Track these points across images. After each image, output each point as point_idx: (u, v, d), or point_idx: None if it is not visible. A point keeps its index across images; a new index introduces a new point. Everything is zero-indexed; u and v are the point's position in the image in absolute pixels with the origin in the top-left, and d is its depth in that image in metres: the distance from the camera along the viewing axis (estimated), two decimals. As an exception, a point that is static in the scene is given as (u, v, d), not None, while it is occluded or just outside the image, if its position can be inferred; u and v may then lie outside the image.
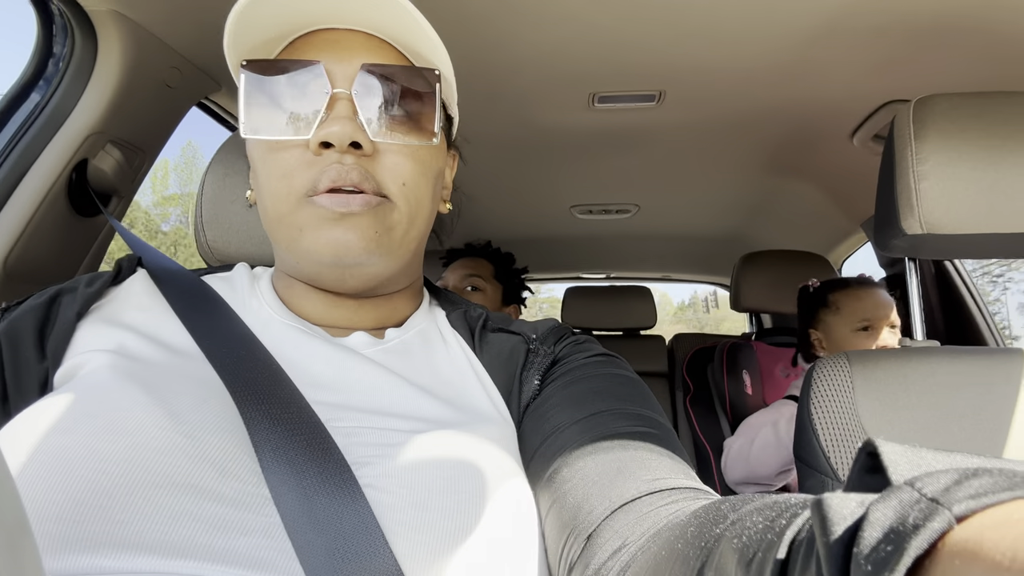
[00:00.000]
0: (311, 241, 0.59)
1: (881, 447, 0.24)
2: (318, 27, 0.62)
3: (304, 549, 0.46)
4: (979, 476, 0.21)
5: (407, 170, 0.61)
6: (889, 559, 0.19)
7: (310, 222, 0.59)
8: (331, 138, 0.57)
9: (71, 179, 1.05)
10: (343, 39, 0.61)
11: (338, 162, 0.58)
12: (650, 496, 0.49)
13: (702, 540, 0.34)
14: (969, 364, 0.97)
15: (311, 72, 0.59)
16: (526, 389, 0.65)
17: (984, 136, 0.90)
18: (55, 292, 0.64)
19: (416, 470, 0.51)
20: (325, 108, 0.59)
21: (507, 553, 0.51)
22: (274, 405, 0.53)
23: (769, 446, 1.53)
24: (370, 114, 0.60)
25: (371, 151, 0.59)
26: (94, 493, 0.45)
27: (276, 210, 0.61)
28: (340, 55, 0.60)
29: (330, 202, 0.58)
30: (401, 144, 0.61)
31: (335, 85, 0.59)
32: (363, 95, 0.59)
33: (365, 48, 0.61)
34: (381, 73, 0.60)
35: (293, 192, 0.59)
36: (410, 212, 0.63)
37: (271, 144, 0.61)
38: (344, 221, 0.58)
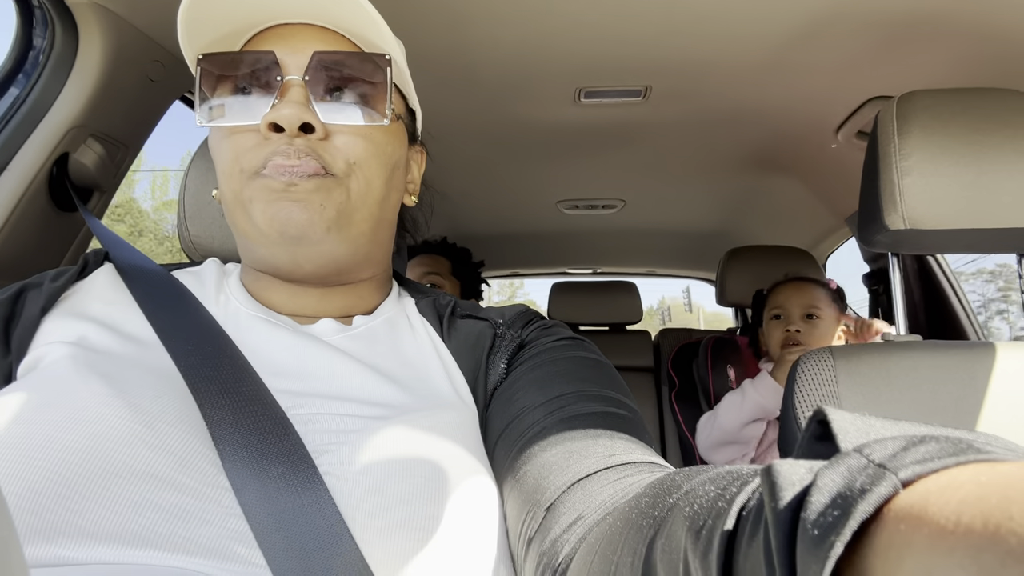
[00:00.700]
0: (259, 215, 0.60)
1: (831, 415, 0.25)
2: (273, 23, 0.63)
3: (265, 538, 0.46)
4: (925, 442, 0.21)
5: (357, 150, 0.62)
6: (835, 524, 0.19)
7: (258, 194, 0.60)
8: (281, 120, 0.58)
9: (52, 173, 1.04)
10: (297, 32, 0.63)
11: (287, 144, 0.59)
12: (607, 470, 0.49)
13: (655, 510, 0.35)
14: (951, 358, 0.98)
15: (264, 61, 0.61)
16: (493, 373, 0.66)
17: (966, 132, 0.91)
18: (20, 287, 0.63)
19: (373, 456, 0.52)
20: (278, 94, 0.60)
21: (465, 535, 0.51)
22: (235, 397, 0.53)
23: (734, 404, 1.69)
24: (322, 99, 0.61)
25: (323, 134, 0.61)
26: (53, 483, 0.45)
27: (229, 189, 0.62)
28: (293, 45, 0.62)
29: (275, 171, 0.59)
30: (353, 126, 0.62)
31: (287, 72, 0.61)
32: (315, 81, 0.61)
33: (318, 39, 0.63)
34: (332, 60, 0.62)
35: (244, 171, 0.60)
36: (359, 190, 0.63)
37: (225, 131, 0.62)
38: (289, 193, 0.59)
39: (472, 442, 0.59)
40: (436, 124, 1.65)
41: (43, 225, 1.06)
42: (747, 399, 1.66)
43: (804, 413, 0.97)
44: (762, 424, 1.67)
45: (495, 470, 0.58)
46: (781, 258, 2.06)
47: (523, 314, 0.72)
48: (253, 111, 0.60)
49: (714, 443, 1.74)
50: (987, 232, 0.92)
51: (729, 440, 1.70)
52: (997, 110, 0.92)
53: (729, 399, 1.72)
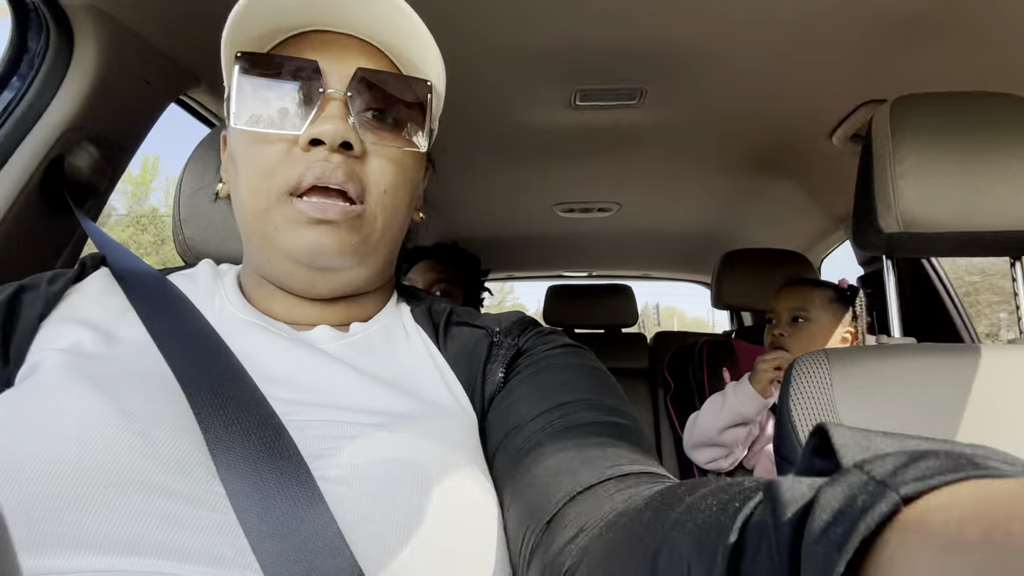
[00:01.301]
0: (287, 240, 0.60)
1: (832, 430, 0.25)
2: (314, 27, 0.62)
3: (260, 545, 0.46)
4: (925, 458, 0.21)
5: (390, 176, 0.62)
6: (838, 541, 0.20)
7: (286, 223, 0.59)
8: (324, 136, 0.57)
9: (47, 176, 1.04)
10: (339, 41, 0.62)
11: (325, 160, 0.58)
12: (608, 482, 0.49)
13: (658, 524, 0.35)
14: (945, 360, 0.98)
15: (307, 70, 0.60)
16: (490, 381, 0.65)
17: (960, 136, 0.92)
18: (16, 289, 0.63)
19: (370, 462, 0.51)
20: (318, 107, 0.59)
21: (462, 542, 0.51)
22: (230, 402, 0.52)
23: (714, 407, 1.67)
24: (361, 117, 0.60)
25: (360, 153, 0.60)
26: (45, 494, 0.44)
27: (254, 204, 0.61)
28: (335, 57, 0.61)
29: (308, 207, 0.58)
30: (388, 149, 0.61)
31: (329, 85, 0.60)
32: (356, 98, 0.60)
33: (360, 53, 0.62)
34: (376, 79, 0.61)
35: (274, 188, 0.59)
36: (386, 220, 0.63)
37: (257, 137, 0.60)
38: (322, 226, 0.59)
39: (471, 449, 0.58)
40: (432, 127, 1.64)
41: (38, 228, 1.06)
42: (726, 404, 1.65)
43: (799, 415, 0.97)
44: (743, 429, 1.66)
45: (495, 479, 0.58)
46: (776, 261, 2.06)
47: (520, 322, 0.71)
48: (291, 121, 0.59)
49: (695, 443, 1.74)
50: (981, 235, 0.92)
51: (709, 443, 1.69)
52: (990, 114, 0.93)
53: (710, 402, 1.71)
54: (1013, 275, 1.09)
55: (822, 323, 1.67)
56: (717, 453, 1.69)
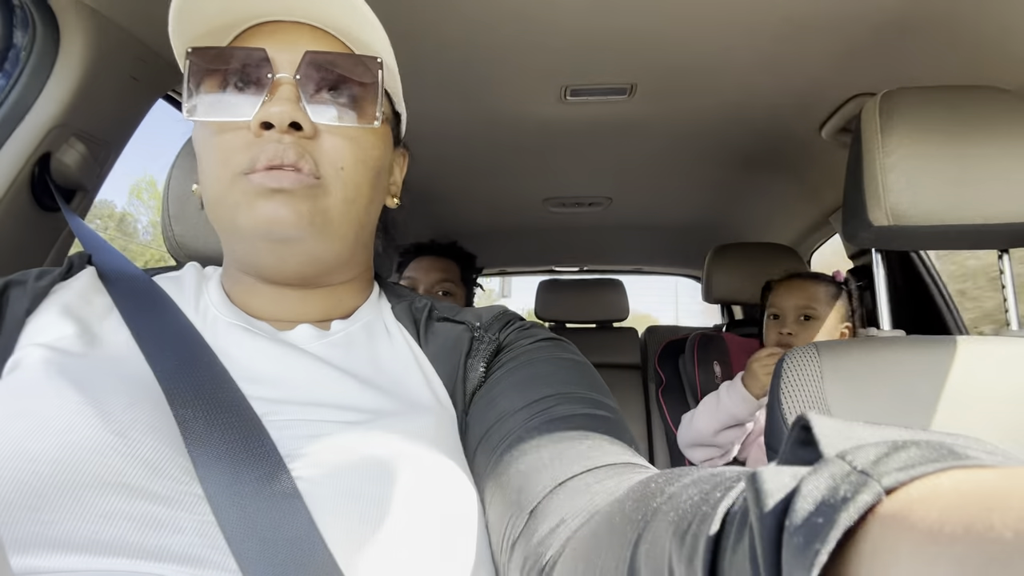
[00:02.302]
0: (245, 216, 0.60)
1: (813, 420, 0.25)
2: (265, 19, 0.63)
3: (238, 545, 0.46)
4: (907, 448, 0.21)
5: (346, 154, 0.62)
6: (820, 531, 0.20)
7: (244, 198, 0.59)
8: (271, 118, 0.58)
9: (34, 173, 1.03)
10: (288, 29, 0.62)
11: (277, 141, 0.59)
12: (589, 472, 0.49)
13: (639, 514, 0.35)
14: (934, 352, 0.99)
15: (255, 58, 0.60)
16: (471, 377, 0.65)
17: (949, 129, 0.92)
18: (3, 284, 0.63)
19: (348, 460, 0.52)
20: (268, 92, 0.60)
21: (443, 539, 0.51)
22: (210, 403, 0.53)
23: (709, 408, 1.65)
24: (312, 98, 0.61)
25: (311, 133, 0.60)
26: (23, 493, 0.44)
27: (214, 191, 0.62)
28: (284, 43, 0.61)
29: (262, 177, 0.58)
30: (341, 127, 0.62)
31: (278, 70, 0.60)
32: (306, 80, 0.61)
33: (310, 38, 0.62)
34: (324, 60, 0.61)
35: (232, 170, 0.60)
36: (346, 196, 0.63)
37: (214, 127, 0.61)
38: (276, 196, 0.59)
39: (451, 446, 0.59)
40: (421, 123, 1.64)
41: (25, 225, 1.05)
42: (720, 405, 1.63)
43: (790, 408, 0.97)
44: (738, 430, 1.64)
45: (476, 475, 0.58)
46: (766, 255, 2.07)
47: (500, 316, 0.72)
48: (242, 108, 0.60)
49: (690, 443, 1.72)
50: (970, 228, 0.93)
51: (704, 443, 1.68)
52: (979, 107, 0.94)
53: (705, 404, 1.69)
54: (1001, 267, 1.10)
55: (828, 318, 1.64)
56: (712, 453, 1.68)
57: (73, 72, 1.02)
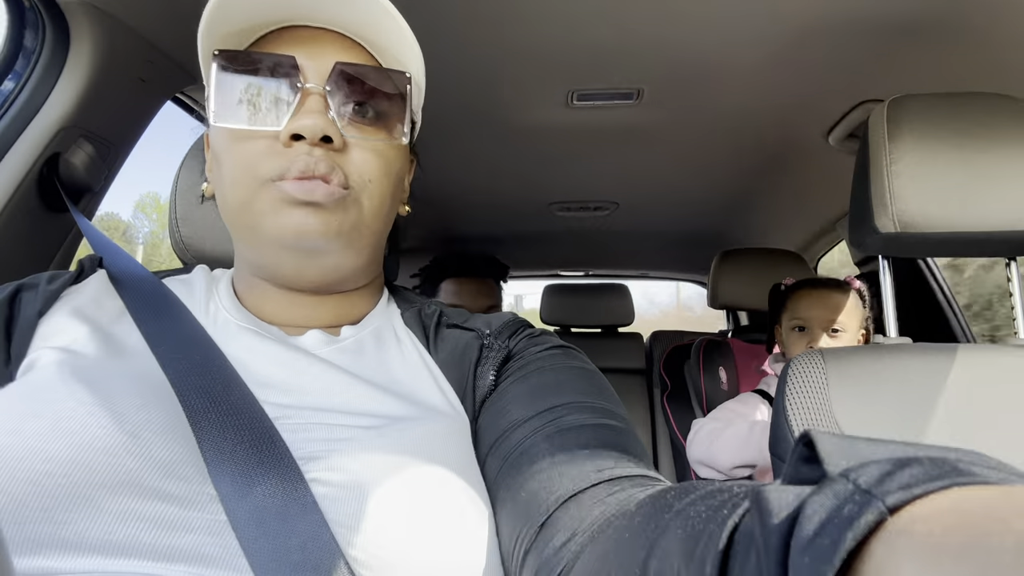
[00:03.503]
0: (272, 223, 0.59)
1: (816, 438, 0.25)
2: (292, 23, 0.62)
3: (251, 546, 0.46)
4: (910, 465, 0.22)
5: (373, 167, 0.62)
6: (825, 552, 0.20)
7: (271, 206, 0.59)
8: (303, 131, 0.58)
9: (42, 174, 1.03)
10: (317, 37, 0.62)
11: (307, 154, 0.58)
12: (600, 485, 0.49)
13: (648, 530, 0.35)
14: (940, 360, 0.98)
15: (285, 66, 0.60)
16: (481, 384, 0.65)
17: (957, 136, 0.92)
18: (15, 288, 0.63)
19: (363, 464, 0.51)
20: (297, 102, 0.59)
21: (454, 544, 0.51)
22: (223, 406, 0.53)
23: (739, 439, 1.52)
24: (341, 111, 0.60)
25: (341, 146, 0.60)
26: (36, 494, 0.44)
27: (236, 197, 0.61)
28: (314, 52, 0.61)
29: (294, 187, 0.58)
30: (369, 141, 0.62)
31: (308, 80, 0.60)
32: (335, 92, 0.60)
33: (338, 47, 0.62)
34: (354, 72, 0.61)
35: (257, 178, 0.59)
36: (372, 208, 0.63)
37: (238, 134, 0.61)
38: (307, 207, 0.59)
39: (464, 451, 0.59)
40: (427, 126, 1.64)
41: (33, 226, 1.05)
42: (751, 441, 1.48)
43: (795, 416, 0.97)
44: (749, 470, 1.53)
45: (487, 482, 0.58)
46: (773, 261, 2.07)
47: (510, 323, 0.71)
48: (270, 116, 0.60)
49: (701, 462, 1.62)
50: (977, 235, 0.93)
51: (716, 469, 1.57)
52: (986, 114, 0.93)
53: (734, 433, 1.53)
54: (1008, 275, 1.09)
55: (853, 329, 1.58)
56: (721, 476, 1.58)
57: (82, 73, 1.03)
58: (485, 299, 1.83)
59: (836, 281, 1.65)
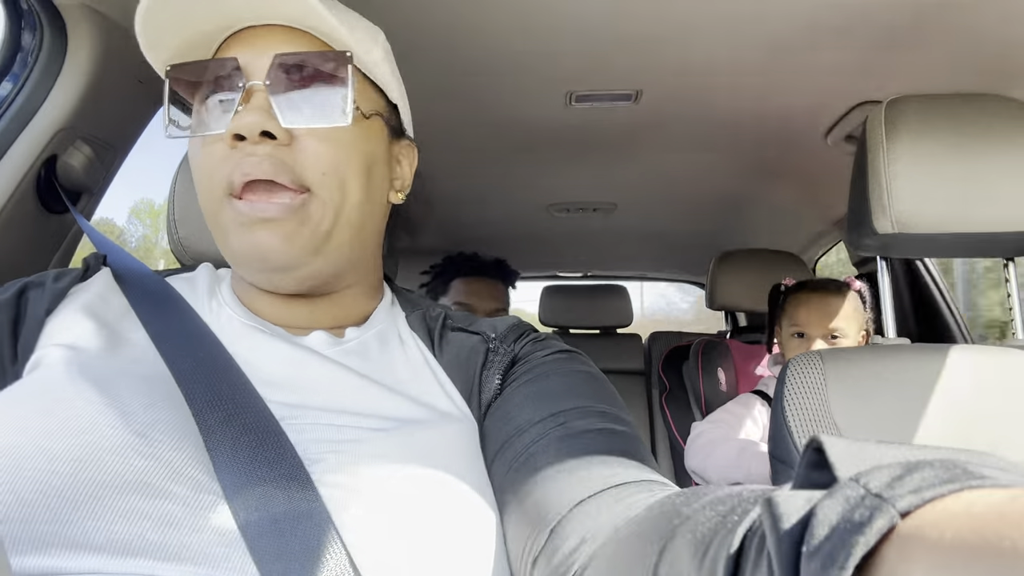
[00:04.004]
0: (236, 244, 0.60)
1: (826, 442, 0.25)
2: (239, 27, 0.62)
3: (257, 546, 0.46)
4: (920, 469, 0.22)
5: (327, 157, 0.61)
6: (837, 556, 0.20)
7: (232, 227, 0.59)
8: (241, 129, 0.57)
9: (40, 175, 1.03)
10: (260, 34, 0.61)
11: (250, 154, 0.58)
12: (608, 491, 0.49)
13: (658, 535, 0.35)
14: (939, 361, 0.98)
15: (228, 68, 0.60)
16: (486, 388, 0.64)
17: (954, 137, 0.92)
18: (22, 286, 0.63)
19: (370, 466, 0.51)
20: (240, 101, 0.59)
21: (461, 548, 0.51)
22: (229, 405, 0.53)
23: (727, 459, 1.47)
24: (284, 103, 0.59)
25: (286, 139, 0.59)
26: (43, 493, 0.44)
27: (205, 209, 0.62)
28: (256, 49, 0.60)
29: (247, 208, 0.58)
30: (316, 129, 0.60)
31: (250, 78, 0.59)
32: (276, 84, 0.59)
33: (282, 40, 0.61)
34: (293, 61, 0.60)
35: (215, 189, 0.59)
36: (335, 202, 0.61)
37: (196, 143, 0.61)
38: (265, 226, 0.58)
39: (471, 454, 0.58)
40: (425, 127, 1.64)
41: (31, 228, 1.05)
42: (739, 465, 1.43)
43: (794, 417, 0.97)
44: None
45: (493, 487, 0.58)
46: (771, 262, 2.07)
47: (516, 327, 0.71)
48: (220, 121, 0.59)
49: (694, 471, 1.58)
50: (975, 236, 0.93)
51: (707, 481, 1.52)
52: (984, 115, 0.93)
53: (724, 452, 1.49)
54: (1006, 276, 1.09)
55: (854, 333, 1.55)
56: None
57: (80, 75, 1.03)
58: (493, 301, 1.82)
59: (836, 283, 1.62)
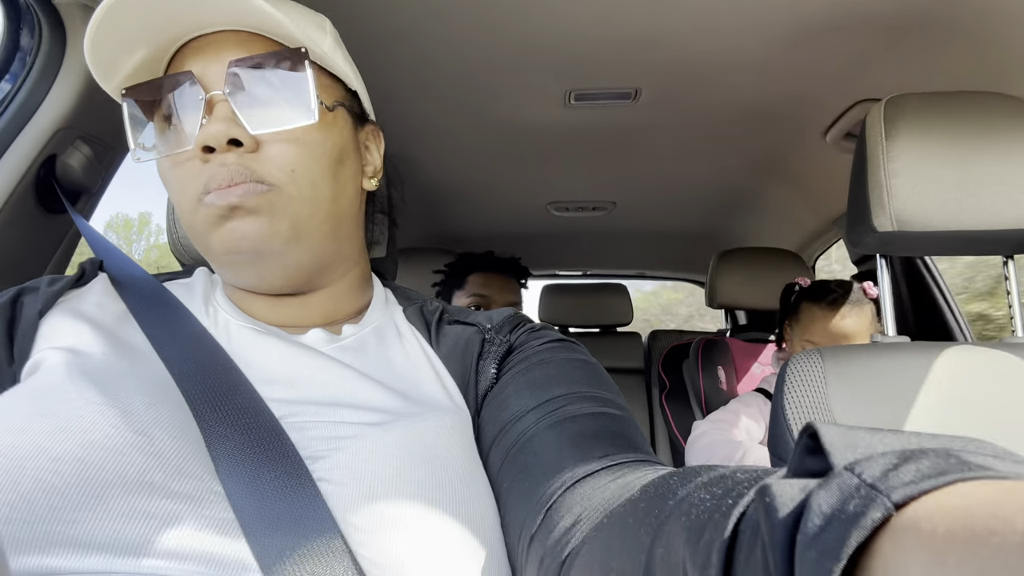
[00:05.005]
0: (215, 240, 0.60)
1: (820, 429, 0.25)
2: (186, 38, 0.61)
3: (259, 545, 0.46)
4: (916, 459, 0.22)
5: (293, 157, 0.60)
6: (832, 547, 0.20)
7: (207, 225, 0.59)
8: (208, 140, 0.57)
9: (39, 175, 1.03)
10: (212, 41, 0.60)
11: (220, 164, 0.58)
12: (603, 471, 0.50)
13: (652, 516, 0.35)
14: (938, 359, 0.98)
15: (184, 82, 0.59)
16: (483, 378, 0.65)
17: (953, 135, 0.92)
18: (16, 292, 0.63)
19: (367, 461, 0.52)
20: (204, 113, 0.58)
21: (461, 539, 0.51)
22: (230, 406, 0.53)
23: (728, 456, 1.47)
24: (247, 109, 0.59)
25: (253, 146, 0.59)
26: (45, 492, 0.44)
27: (184, 222, 0.62)
28: (209, 58, 0.60)
29: (216, 198, 0.58)
30: (283, 131, 0.60)
31: (208, 89, 0.59)
32: (235, 91, 0.59)
33: (235, 45, 0.60)
34: (248, 66, 0.60)
35: (190, 199, 0.60)
36: (307, 197, 0.61)
37: (169, 162, 0.61)
38: (235, 214, 0.58)
39: (467, 446, 0.59)
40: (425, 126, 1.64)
41: (30, 228, 1.05)
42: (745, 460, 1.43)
43: (793, 414, 0.97)
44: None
45: (490, 475, 0.58)
46: (771, 260, 2.07)
47: (511, 318, 0.72)
48: (185, 136, 0.59)
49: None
50: (975, 234, 0.93)
51: None
52: (983, 113, 0.93)
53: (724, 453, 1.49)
54: (1006, 274, 1.09)
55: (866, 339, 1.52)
56: None
57: (79, 75, 1.03)
58: (510, 294, 1.83)
59: (852, 297, 1.56)
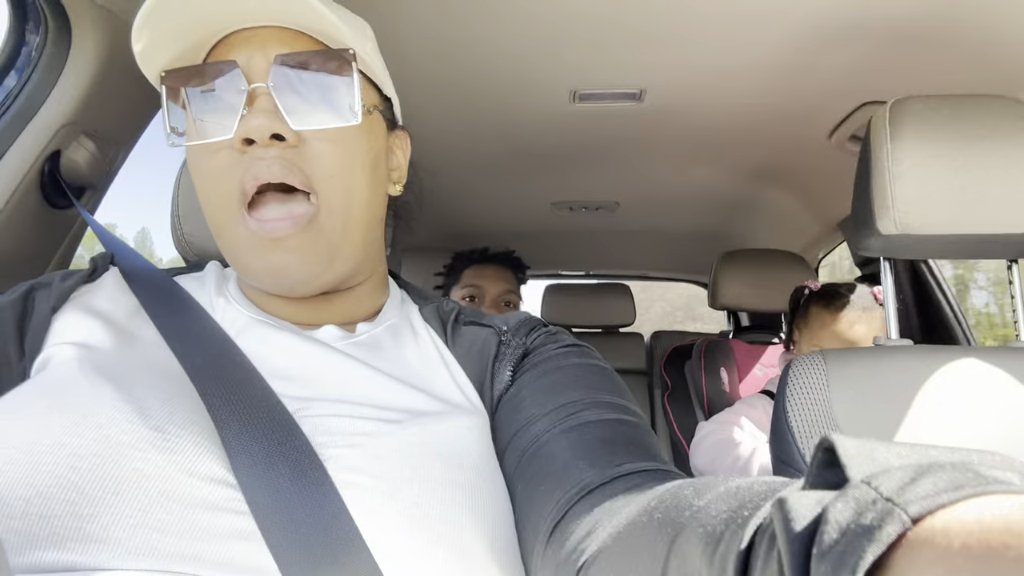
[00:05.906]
0: (248, 263, 0.60)
1: (837, 442, 0.25)
2: (231, 30, 0.61)
3: (274, 539, 0.46)
4: (932, 473, 0.21)
5: (334, 160, 0.61)
6: (848, 561, 0.20)
7: (245, 244, 0.59)
8: (251, 133, 0.57)
9: (43, 171, 1.03)
10: (256, 35, 0.61)
11: (260, 158, 0.58)
12: (618, 480, 0.49)
13: (667, 527, 0.35)
14: (941, 362, 0.98)
15: (227, 72, 0.59)
16: (498, 381, 0.65)
17: (958, 138, 0.92)
18: (29, 287, 0.63)
19: (384, 459, 0.52)
20: (245, 105, 0.58)
21: (475, 538, 0.51)
22: (243, 401, 0.53)
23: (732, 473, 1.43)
24: (290, 104, 0.59)
25: (295, 141, 0.59)
26: (62, 488, 0.44)
27: (215, 220, 0.62)
28: (254, 51, 0.60)
29: (258, 227, 0.58)
30: (325, 130, 0.60)
31: (252, 80, 0.59)
32: (280, 86, 0.59)
33: (279, 41, 0.61)
34: (295, 62, 0.60)
35: (225, 199, 0.59)
36: (342, 208, 0.62)
37: (202, 150, 0.60)
38: (279, 245, 0.59)
39: (484, 446, 0.59)
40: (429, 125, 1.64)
41: (34, 223, 1.05)
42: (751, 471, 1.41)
43: (796, 417, 0.97)
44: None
45: (505, 477, 0.58)
46: (774, 262, 2.06)
47: (527, 321, 0.72)
48: (224, 126, 0.59)
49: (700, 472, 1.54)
50: (979, 237, 0.92)
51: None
52: (988, 116, 0.93)
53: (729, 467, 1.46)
54: (1010, 278, 1.09)
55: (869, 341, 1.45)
56: None
57: (84, 70, 1.03)
58: (504, 284, 1.83)
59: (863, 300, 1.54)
